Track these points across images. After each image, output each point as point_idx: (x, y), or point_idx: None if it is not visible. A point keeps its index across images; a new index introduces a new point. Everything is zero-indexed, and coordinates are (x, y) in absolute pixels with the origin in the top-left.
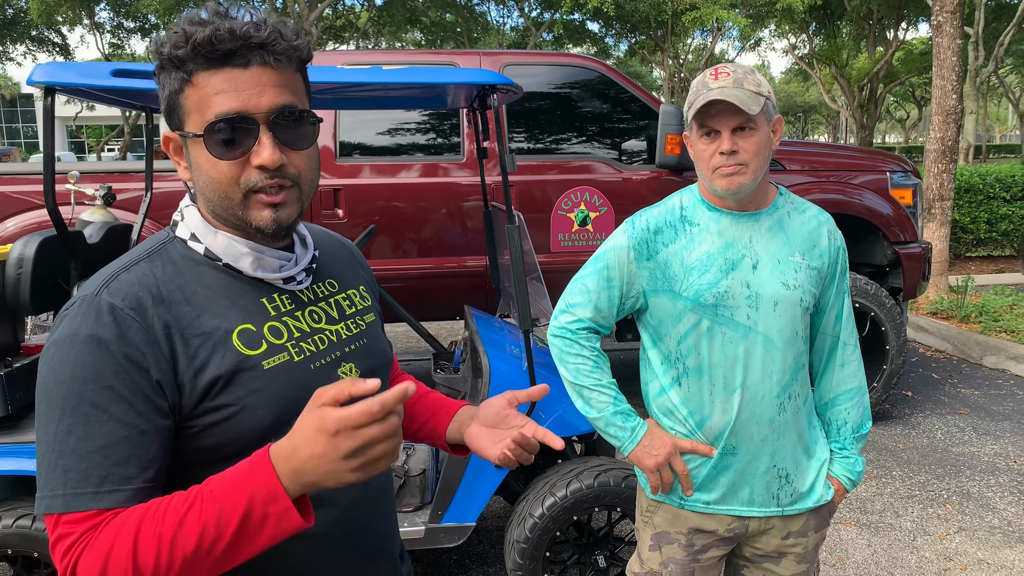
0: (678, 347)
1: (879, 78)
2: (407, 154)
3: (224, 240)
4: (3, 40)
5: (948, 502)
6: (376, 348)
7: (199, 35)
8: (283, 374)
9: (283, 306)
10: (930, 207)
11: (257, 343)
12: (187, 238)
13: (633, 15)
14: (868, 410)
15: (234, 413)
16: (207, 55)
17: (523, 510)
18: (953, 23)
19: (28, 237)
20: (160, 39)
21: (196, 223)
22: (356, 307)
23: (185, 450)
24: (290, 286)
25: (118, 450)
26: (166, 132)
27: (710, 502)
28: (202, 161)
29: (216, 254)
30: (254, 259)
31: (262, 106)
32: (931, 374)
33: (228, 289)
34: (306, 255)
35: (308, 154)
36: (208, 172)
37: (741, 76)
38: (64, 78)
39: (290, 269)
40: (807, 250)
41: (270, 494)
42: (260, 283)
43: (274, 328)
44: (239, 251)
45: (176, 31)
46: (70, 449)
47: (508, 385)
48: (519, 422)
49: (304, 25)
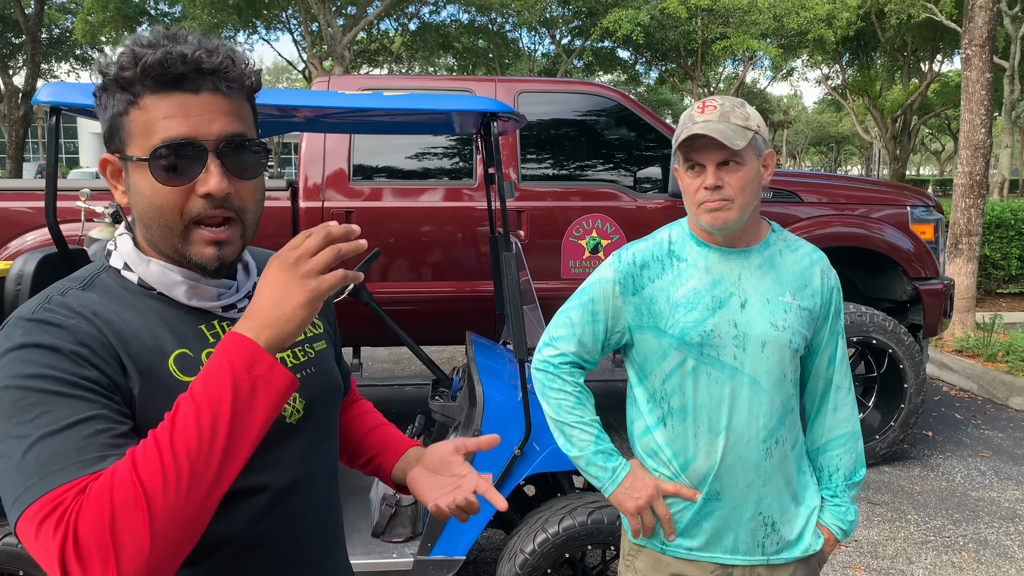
0: (663, 386)
1: (913, 110)
2: (420, 178)
3: (157, 269)
4: (48, 59)
5: (964, 549)
6: (324, 377)
7: (149, 58)
8: None
9: (222, 333)
10: (957, 242)
11: (194, 369)
12: (120, 267)
13: (663, 43)
14: (862, 456)
15: None
16: (156, 78)
17: (515, 545)
18: (982, 57)
19: (29, 254)
20: (105, 59)
21: (128, 252)
22: (304, 334)
23: None
24: (230, 314)
25: (90, 424)
26: (104, 155)
27: (693, 548)
28: (143, 186)
29: (149, 283)
30: (188, 288)
31: (212, 133)
32: (954, 414)
33: (165, 316)
34: (248, 282)
35: (254, 185)
36: (149, 198)
37: (728, 109)
38: (68, 98)
39: (230, 297)
40: (798, 290)
41: (250, 357)
42: (198, 311)
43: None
44: (172, 280)
45: (124, 52)
46: (36, 439)
47: (502, 415)
48: (462, 471)
49: (337, 48)
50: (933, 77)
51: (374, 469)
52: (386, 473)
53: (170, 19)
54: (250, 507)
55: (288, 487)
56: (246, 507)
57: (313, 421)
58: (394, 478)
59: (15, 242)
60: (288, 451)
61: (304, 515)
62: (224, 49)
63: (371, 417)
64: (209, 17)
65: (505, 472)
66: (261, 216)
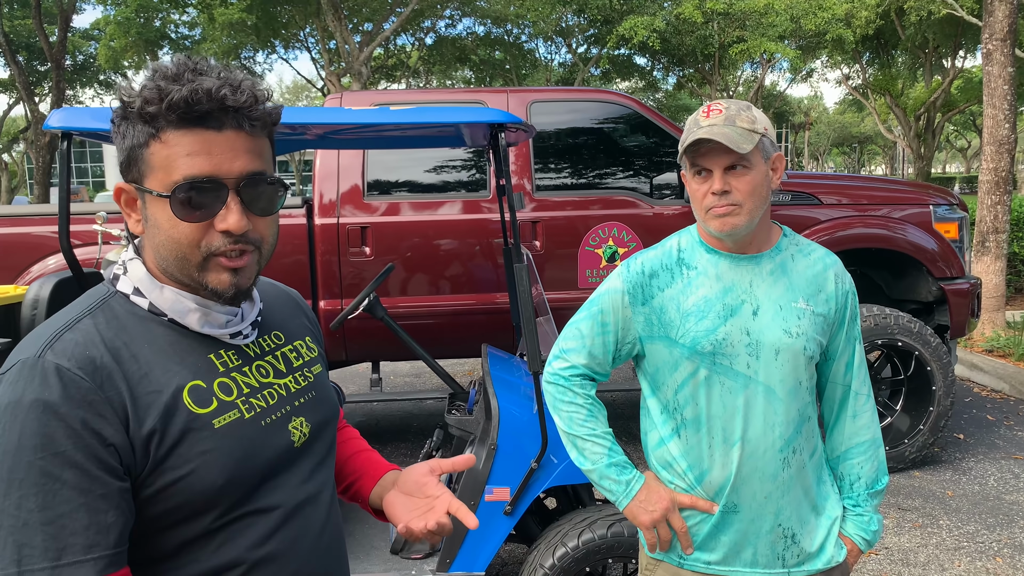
0: (675, 396)
1: (936, 107)
2: (435, 191)
3: (171, 296)
4: (73, 85)
5: (999, 555)
6: (324, 400)
7: (175, 95)
8: (234, 432)
9: (231, 361)
10: (984, 240)
11: (207, 401)
12: (130, 292)
13: (679, 49)
14: (884, 464)
15: (186, 475)
16: (181, 115)
17: (534, 560)
18: (1004, 51)
19: (44, 278)
20: (128, 90)
21: (140, 277)
22: (303, 359)
23: (138, 521)
24: (236, 340)
25: (76, 519)
26: (120, 183)
27: (711, 562)
28: (162, 220)
29: (162, 309)
30: (201, 315)
31: (234, 171)
32: (985, 415)
33: (175, 345)
34: (252, 309)
35: (272, 219)
36: (168, 232)
37: (734, 113)
38: (78, 123)
39: (237, 324)
40: (812, 295)
41: None
42: (206, 338)
43: (224, 384)
44: (186, 307)
45: (149, 86)
46: (22, 523)
47: (518, 428)
48: (435, 492)
49: (355, 65)
50: (956, 73)
51: (352, 495)
52: (364, 499)
53: (190, 42)
54: (262, 526)
55: (296, 507)
56: (258, 526)
57: (317, 443)
58: (371, 503)
59: (37, 266)
60: (296, 473)
61: (309, 533)
62: (247, 85)
63: (354, 443)
64: (228, 39)
65: (523, 486)
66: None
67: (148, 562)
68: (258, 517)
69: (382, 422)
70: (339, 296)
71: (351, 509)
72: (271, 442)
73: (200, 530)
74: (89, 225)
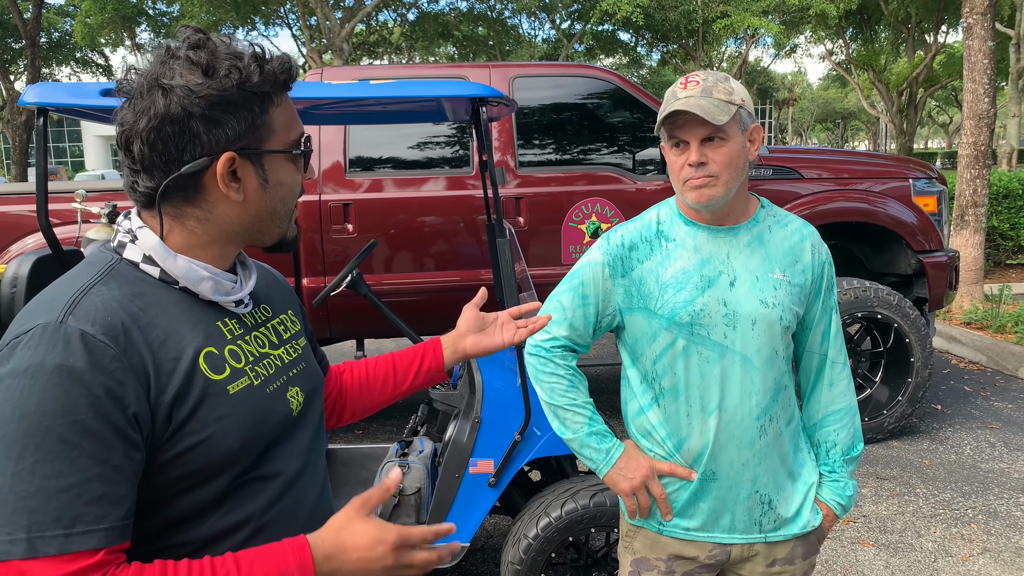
0: (654, 366)
1: (919, 82)
2: (417, 168)
3: (184, 264)
4: (49, 62)
5: (973, 521)
6: (312, 371)
7: (277, 65)
8: (247, 398)
9: (235, 330)
10: (963, 214)
11: (221, 367)
12: (139, 260)
13: (663, 24)
14: (859, 431)
15: (204, 439)
16: (285, 83)
17: (518, 530)
18: (984, 25)
19: (23, 256)
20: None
21: (153, 245)
22: (290, 331)
23: (153, 485)
24: (239, 309)
25: (90, 488)
26: (230, 153)
27: (690, 528)
28: (285, 176)
29: (175, 277)
30: (213, 283)
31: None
32: (963, 386)
33: (187, 312)
34: (250, 275)
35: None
36: (290, 186)
37: (711, 84)
38: (54, 98)
39: (240, 291)
40: (788, 266)
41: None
42: (212, 306)
43: (233, 351)
44: (199, 275)
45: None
46: (35, 489)
47: (502, 402)
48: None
49: (336, 41)
50: (938, 48)
51: (427, 374)
52: (442, 367)
53: (168, 18)
54: (266, 492)
55: (297, 473)
56: (263, 492)
57: (310, 411)
58: (448, 366)
59: (16, 245)
60: (295, 441)
61: (307, 501)
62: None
63: (371, 360)
64: (207, 15)
65: (506, 458)
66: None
67: (161, 526)
68: (263, 484)
69: None
70: (322, 274)
71: (339, 487)
72: (276, 408)
73: (212, 494)
74: (68, 204)
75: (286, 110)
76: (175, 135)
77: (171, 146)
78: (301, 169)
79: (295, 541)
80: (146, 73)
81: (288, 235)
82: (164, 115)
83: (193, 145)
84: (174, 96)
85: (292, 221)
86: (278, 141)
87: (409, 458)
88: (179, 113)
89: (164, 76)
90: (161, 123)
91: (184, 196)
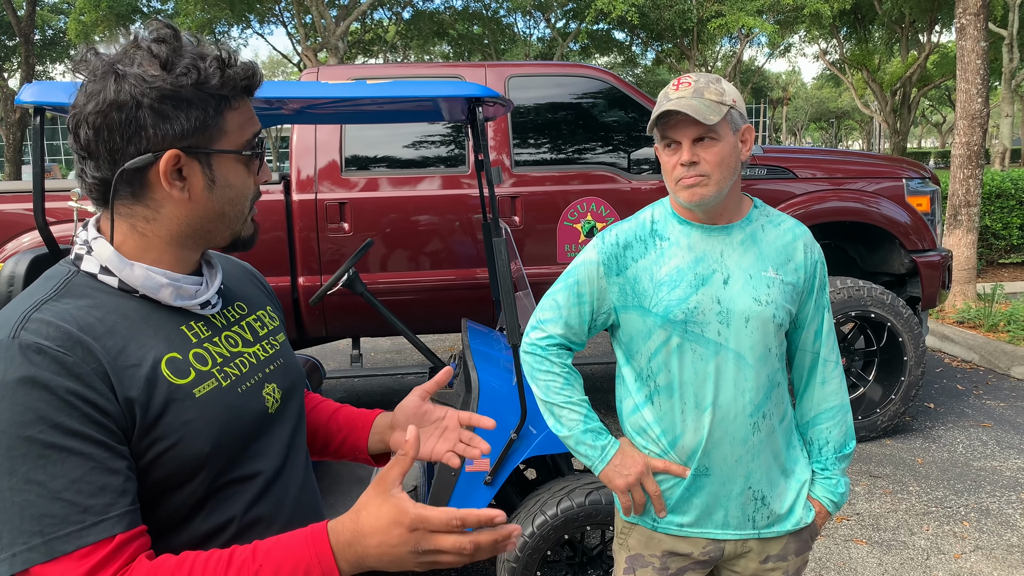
0: (649, 364)
1: (912, 82)
2: (413, 167)
3: (141, 272)
4: (43, 60)
5: (965, 519)
6: (291, 366)
7: (240, 70)
8: (214, 400)
9: (201, 332)
10: (956, 213)
11: (185, 371)
12: (96, 272)
13: (658, 23)
14: (851, 429)
15: (172, 444)
16: (246, 87)
17: None
18: (977, 25)
19: (20, 255)
20: (203, 74)
21: (108, 256)
22: (267, 327)
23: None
24: (206, 311)
25: (90, 481)
26: (175, 151)
27: (684, 524)
28: (234, 177)
29: (133, 286)
30: (173, 289)
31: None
32: (956, 385)
33: (147, 319)
34: (215, 276)
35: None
36: (240, 188)
37: (703, 85)
38: (52, 97)
39: (204, 293)
40: (781, 264)
41: (325, 572)
42: (176, 311)
43: (198, 355)
44: (158, 283)
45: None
46: (36, 496)
47: (498, 400)
48: (439, 413)
49: (331, 40)
50: (932, 48)
51: (349, 449)
52: (363, 449)
53: (163, 16)
54: (246, 493)
55: (276, 472)
56: (243, 493)
57: (289, 409)
58: (372, 451)
59: (11, 244)
60: (273, 439)
61: (289, 498)
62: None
63: (326, 405)
64: (202, 13)
65: (503, 456)
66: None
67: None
68: (242, 484)
69: (363, 398)
70: (318, 272)
71: (332, 481)
72: (249, 408)
73: (192, 498)
74: (63, 203)
75: (243, 113)
76: (121, 123)
77: (116, 134)
78: (254, 171)
79: (314, 529)
80: (105, 58)
81: (242, 234)
82: (113, 101)
83: (139, 137)
84: (125, 83)
85: (246, 222)
86: (229, 142)
87: None
88: (127, 101)
89: (121, 62)
90: (108, 108)
91: (132, 193)
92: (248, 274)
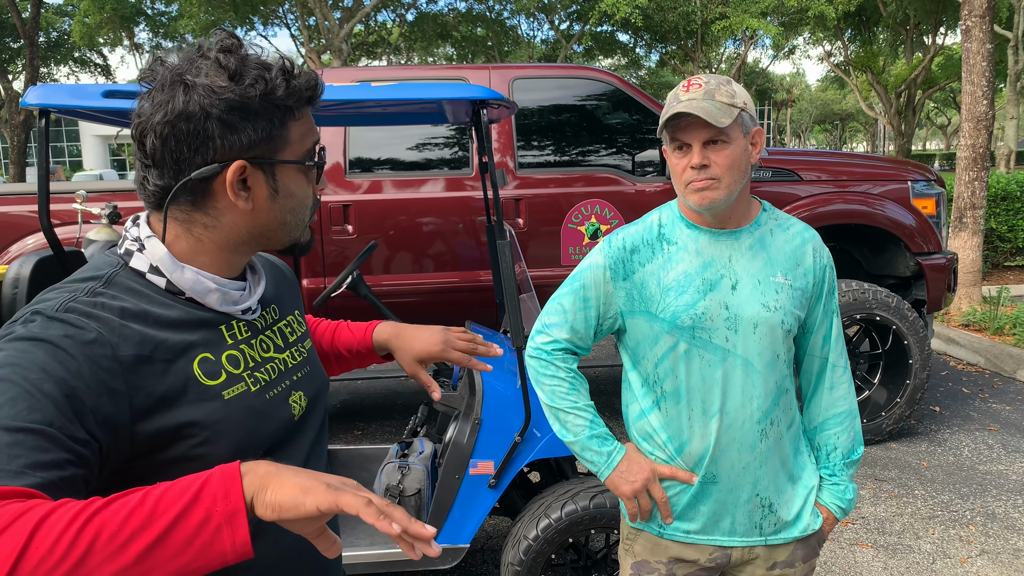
0: (655, 370)
1: (917, 84)
2: (417, 169)
3: (192, 276)
4: (47, 62)
5: (972, 523)
6: (317, 374)
7: (303, 81)
8: (242, 404)
9: (240, 334)
10: (961, 216)
11: (217, 373)
12: (145, 270)
13: (662, 25)
14: (860, 435)
15: (197, 444)
16: (308, 98)
17: (518, 531)
18: (982, 27)
19: (25, 257)
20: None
21: (161, 256)
22: (296, 334)
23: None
24: (246, 316)
25: (44, 437)
26: (241, 161)
27: (691, 531)
28: (296, 186)
29: (181, 288)
30: (221, 295)
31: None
32: (961, 388)
33: (187, 317)
34: (259, 281)
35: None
36: (301, 196)
37: (713, 87)
38: (57, 100)
39: (247, 299)
40: (790, 269)
41: (224, 489)
42: (220, 314)
43: (232, 357)
44: (207, 287)
45: (270, 77)
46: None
47: (502, 403)
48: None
49: (335, 42)
50: (936, 50)
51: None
52: (368, 343)
53: (166, 18)
54: None
55: None
56: None
57: (312, 417)
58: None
59: (16, 245)
60: (296, 447)
61: None
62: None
63: (325, 326)
64: (206, 15)
65: (506, 459)
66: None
67: None
68: None
69: (367, 400)
70: (322, 275)
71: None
72: (276, 415)
73: None
74: (68, 204)
75: (304, 123)
76: (189, 134)
77: (184, 144)
78: (313, 180)
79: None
80: (172, 67)
81: (301, 240)
82: (182, 111)
83: (206, 148)
84: (195, 94)
85: (305, 229)
86: (291, 152)
87: (409, 459)
88: (196, 112)
89: (189, 72)
90: (177, 119)
91: (192, 201)
92: (280, 273)
